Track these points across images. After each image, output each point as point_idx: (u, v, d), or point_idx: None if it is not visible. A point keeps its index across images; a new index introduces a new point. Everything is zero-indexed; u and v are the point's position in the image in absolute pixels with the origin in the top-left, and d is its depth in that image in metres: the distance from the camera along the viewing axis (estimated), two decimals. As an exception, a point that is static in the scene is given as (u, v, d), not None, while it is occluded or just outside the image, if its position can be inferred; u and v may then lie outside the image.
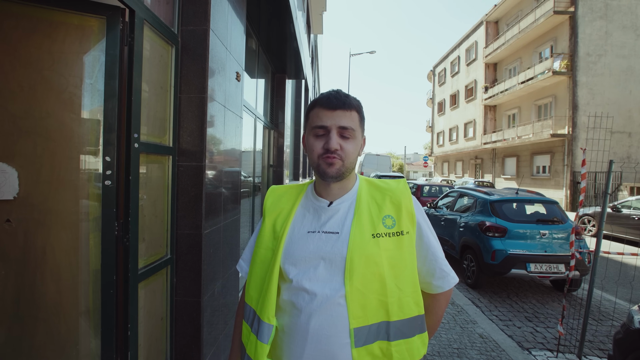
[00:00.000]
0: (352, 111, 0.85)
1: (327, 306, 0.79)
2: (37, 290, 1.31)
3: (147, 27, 1.55)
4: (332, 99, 0.84)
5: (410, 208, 0.88)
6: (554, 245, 4.57)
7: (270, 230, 0.91)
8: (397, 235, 0.84)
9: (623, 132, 15.39)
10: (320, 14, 12.51)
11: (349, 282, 0.79)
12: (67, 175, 1.34)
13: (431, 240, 0.90)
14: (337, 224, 0.86)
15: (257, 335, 0.83)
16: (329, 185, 0.89)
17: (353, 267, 0.79)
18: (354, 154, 0.86)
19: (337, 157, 0.83)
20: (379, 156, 24.50)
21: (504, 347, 3.15)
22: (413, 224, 0.87)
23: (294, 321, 0.81)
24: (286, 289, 0.84)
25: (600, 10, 15.83)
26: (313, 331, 0.78)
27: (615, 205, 9.03)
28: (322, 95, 0.87)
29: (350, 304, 0.78)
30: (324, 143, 0.83)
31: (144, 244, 1.58)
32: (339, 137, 0.83)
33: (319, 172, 0.86)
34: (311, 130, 0.87)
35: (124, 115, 1.42)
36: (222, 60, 2.13)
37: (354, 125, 0.85)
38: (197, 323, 1.89)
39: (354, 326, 0.78)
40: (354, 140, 0.86)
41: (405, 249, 0.84)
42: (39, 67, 1.29)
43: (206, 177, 1.91)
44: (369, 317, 0.79)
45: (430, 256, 0.89)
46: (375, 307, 0.80)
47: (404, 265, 0.83)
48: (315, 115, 0.86)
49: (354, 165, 0.88)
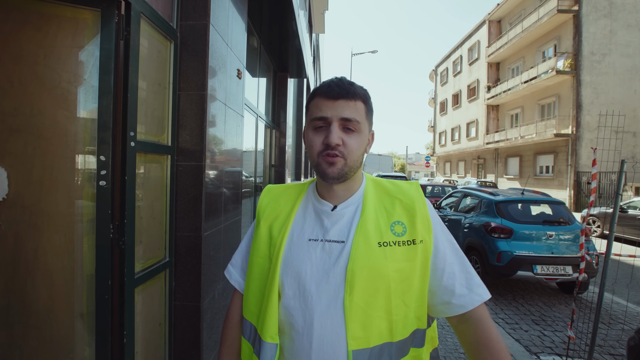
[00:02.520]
0: (356, 101, 0.73)
1: (327, 327, 0.70)
2: (28, 296, 1.25)
3: (145, 21, 1.49)
4: (334, 87, 0.73)
5: (425, 214, 0.77)
6: (561, 247, 4.48)
7: (266, 235, 0.81)
8: (409, 244, 0.73)
9: (628, 131, 15.24)
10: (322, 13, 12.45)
11: (349, 297, 0.69)
12: (60, 175, 1.28)
13: (449, 250, 0.78)
14: (343, 232, 0.76)
15: (259, 356, 0.74)
16: (332, 187, 0.78)
17: (354, 280, 0.69)
18: (359, 151, 0.75)
19: (339, 154, 0.72)
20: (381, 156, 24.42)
21: (512, 352, 3.07)
22: (429, 233, 0.76)
23: (294, 344, 0.72)
24: (284, 305, 0.74)
25: (604, 9, 15.69)
26: (316, 356, 0.69)
27: (622, 205, 8.92)
28: (323, 83, 0.76)
29: (349, 322, 0.68)
30: (324, 137, 0.72)
31: (141, 246, 1.52)
32: (341, 131, 0.72)
33: (318, 172, 0.75)
34: (310, 123, 0.76)
35: (119, 113, 1.36)
36: (223, 56, 2.07)
37: (358, 117, 0.73)
38: (196, 328, 1.83)
39: (352, 348, 0.68)
40: (359, 135, 0.74)
41: (419, 261, 0.73)
42: (30, 61, 1.23)
43: (206, 177, 1.85)
44: (371, 339, 0.69)
45: (449, 269, 0.76)
46: (378, 326, 0.70)
47: (414, 278, 0.73)
48: (314, 106, 0.75)
49: (359, 164, 0.76)
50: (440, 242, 0.78)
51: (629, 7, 15.70)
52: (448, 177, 28.11)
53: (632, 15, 15.70)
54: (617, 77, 15.52)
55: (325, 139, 0.72)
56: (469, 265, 0.79)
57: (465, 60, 25.87)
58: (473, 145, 24.23)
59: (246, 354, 0.81)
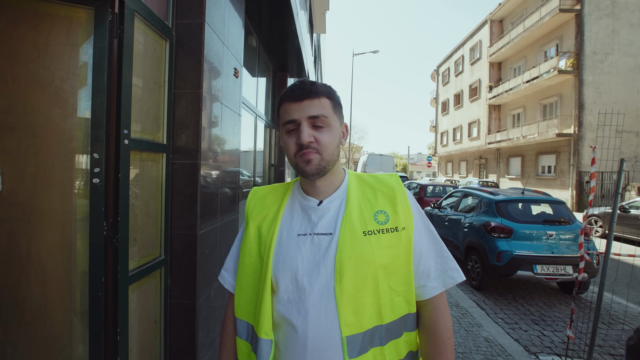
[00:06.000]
0: (320, 98, 0.77)
1: (321, 316, 0.72)
2: (21, 293, 1.25)
3: (139, 20, 1.49)
4: (297, 89, 0.77)
5: (405, 202, 0.82)
6: (561, 247, 4.46)
7: (256, 235, 0.83)
8: (392, 231, 0.77)
9: (630, 131, 15.16)
10: (323, 13, 12.45)
11: (339, 285, 0.72)
12: (54, 172, 1.29)
13: (426, 236, 0.82)
14: (330, 224, 0.79)
15: (256, 354, 0.76)
16: (315, 183, 0.82)
17: (343, 269, 0.73)
18: (333, 144, 0.78)
19: (313, 150, 0.76)
20: (382, 156, 24.36)
21: (510, 352, 3.06)
22: (410, 219, 0.80)
23: (290, 337, 0.74)
24: (278, 301, 0.77)
25: (607, 8, 15.60)
26: (312, 347, 0.71)
27: (623, 205, 8.86)
28: (287, 88, 0.80)
29: (341, 309, 0.71)
30: (296, 138, 0.76)
31: (135, 244, 1.53)
32: (311, 129, 0.76)
33: (298, 171, 0.79)
34: (283, 128, 0.80)
35: (113, 111, 1.36)
36: (219, 55, 2.07)
37: (325, 112, 0.77)
38: (192, 326, 1.83)
39: (346, 334, 0.71)
40: (330, 129, 0.78)
41: (402, 247, 0.77)
42: (23, 59, 1.24)
43: (201, 176, 1.85)
44: (363, 323, 0.73)
45: (426, 254, 0.81)
46: (368, 311, 0.73)
47: (399, 263, 0.77)
48: (283, 111, 0.79)
49: (335, 157, 0.80)
50: (418, 228, 0.82)
51: (632, 6, 15.60)
52: (450, 177, 28.02)
53: (634, 14, 15.60)
54: (620, 77, 15.43)
55: (297, 140, 0.76)
56: (445, 249, 0.84)
57: (467, 60, 25.80)
58: (475, 145, 24.15)
59: (244, 353, 0.82)
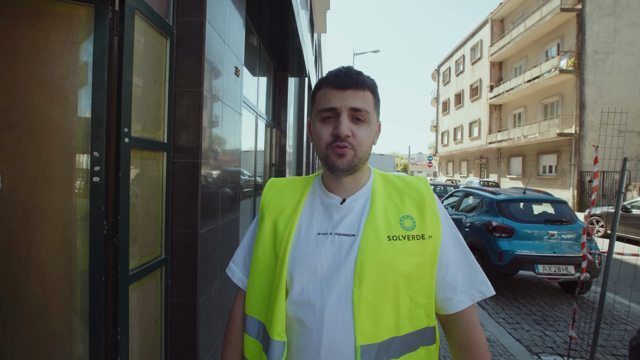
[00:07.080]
0: (365, 91, 0.72)
1: (337, 322, 0.68)
2: (21, 292, 1.24)
3: (139, 17, 1.48)
4: (342, 76, 0.71)
5: (433, 208, 0.77)
6: (563, 246, 4.44)
7: (271, 230, 0.79)
8: (418, 239, 0.73)
9: (632, 131, 15.11)
10: (324, 12, 12.43)
11: (357, 291, 0.67)
12: (54, 171, 1.28)
13: (454, 245, 0.78)
14: (353, 225, 0.74)
15: (268, 355, 0.72)
16: (340, 180, 0.77)
17: (363, 274, 0.68)
18: (368, 142, 0.73)
19: (349, 145, 0.70)
20: (383, 156, 24.39)
21: (512, 352, 3.05)
22: (438, 228, 0.75)
23: (303, 340, 0.70)
24: (292, 301, 0.72)
25: (608, 7, 15.56)
26: (326, 354, 0.67)
27: (625, 205, 8.83)
28: (330, 73, 0.74)
29: (357, 316, 0.67)
30: (333, 129, 0.71)
31: (136, 243, 1.52)
32: (350, 121, 0.71)
33: (327, 164, 0.73)
34: (318, 114, 0.74)
35: (113, 109, 1.35)
36: (220, 53, 2.06)
37: (367, 107, 0.72)
38: (193, 326, 1.82)
39: (360, 343, 0.66)
40: (368, 126, 0.73)
41: (428, 256, 0.73)
42: (23, 57, 1.23)
43: (202, 175, 1.84)
44: (380, 333, 0.68)
45: (452, 264, 0.76)
46: (387, 320, 0.69)
47: (422, 273, 0.72)
48: (322, 97, 0.73)
49: (367, 156, 0.75)
50: (446, 238, 0.77)
51: (633, 5, 15.56)
52: (450, 177, 28.00)
53: (636, 13, 15.55)
54: (621, 76, 15.39)
55: (334, 130, 0.71)
56: (474, 261, 0.79)
57: (468, 59, 25.77)
58: (476, 145, 24.12)
59: (254, 352, 0.78)
